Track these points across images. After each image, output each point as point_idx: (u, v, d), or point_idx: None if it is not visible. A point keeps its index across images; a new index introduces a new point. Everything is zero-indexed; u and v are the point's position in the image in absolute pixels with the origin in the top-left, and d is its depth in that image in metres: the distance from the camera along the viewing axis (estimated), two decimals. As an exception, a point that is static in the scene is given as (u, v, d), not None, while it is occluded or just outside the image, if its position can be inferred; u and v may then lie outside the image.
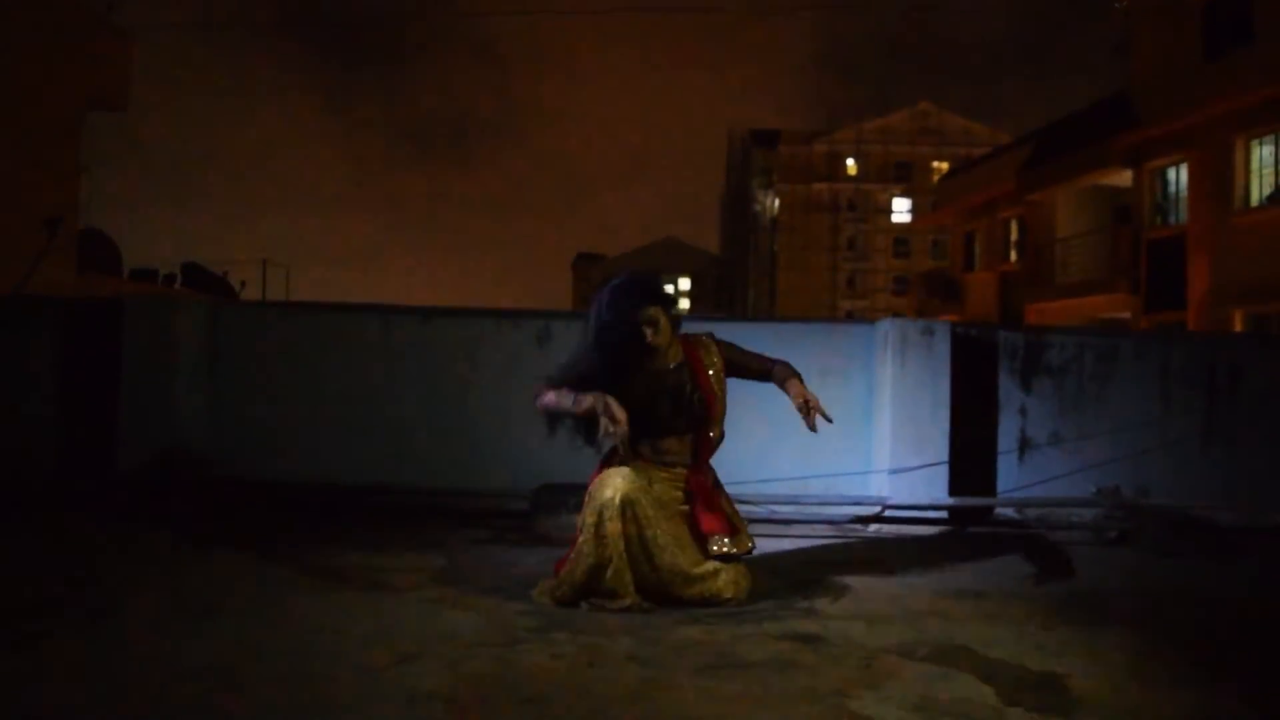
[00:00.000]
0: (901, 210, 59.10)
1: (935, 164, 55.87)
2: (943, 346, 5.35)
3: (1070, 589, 3.99)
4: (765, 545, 4.74)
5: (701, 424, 3.72)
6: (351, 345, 5.59)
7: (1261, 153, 17.35)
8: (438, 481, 5.37)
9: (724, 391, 3.79)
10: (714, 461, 3.89)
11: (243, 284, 26.46)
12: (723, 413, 3.78)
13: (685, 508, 3.65)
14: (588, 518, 3.45)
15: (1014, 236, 26.81)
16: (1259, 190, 17.40)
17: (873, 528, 5.25)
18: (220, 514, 5.02)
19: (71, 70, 17.32)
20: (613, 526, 3.39)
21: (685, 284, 69.06)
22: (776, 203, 60.26)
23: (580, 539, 3.46)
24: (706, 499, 3.67)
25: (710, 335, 3.88)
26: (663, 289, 3.81)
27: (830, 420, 3.76)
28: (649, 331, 3.62)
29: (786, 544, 4.84)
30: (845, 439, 5.52)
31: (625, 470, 3.51)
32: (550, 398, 3.63)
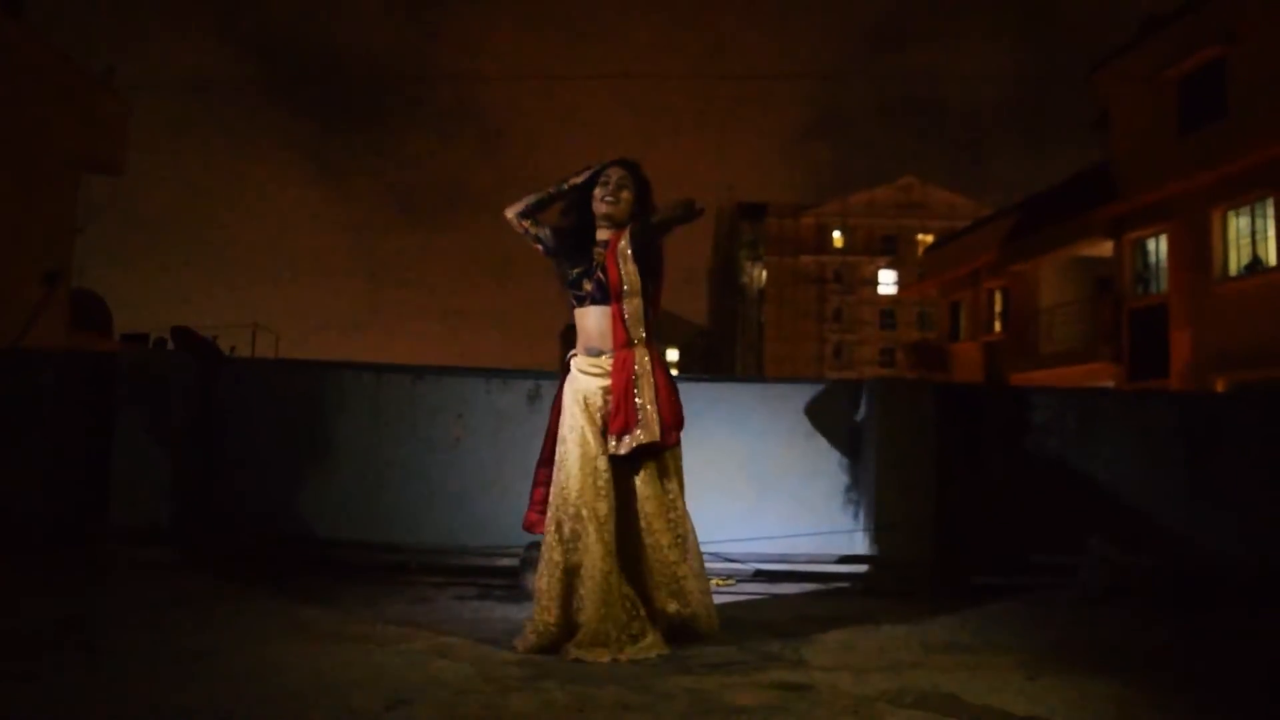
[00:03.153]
0: (887, 282, 59.66)
1: (920, 236, 56.52)
2: (927, 405, 5.43)
3: (1056, 641, 4.02)
4: (751, 601, 4.77)
5: (607, 297, 3.79)
6: (343, 402, 5.63)
7: (1238, 224, 17.68)
8: (427, 538, 5.39)
9: (634, 264, 3.79)
10: (704, 514, 3.95)
11: (233, 349, 26.45)
12: (641, 292, 3.80)
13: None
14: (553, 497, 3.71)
15: (998, 307, 27.09)
16: (1237, 260, 17.69)
17: (859, 585, 5.27)
18: (211, 565, 5.03)
19: (69, 132, 17.55)
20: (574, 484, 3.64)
21: (673, 354, 69.33)
22: (764, 274, 60.76)
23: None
24: (622, 393, 3.70)
25: (632, 225, 3.88)
26: (639, 175, 3.94)
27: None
28: (599, 192, 3.87)
29: (772, 601, 4.86)
30: (832, 497, 5.58)
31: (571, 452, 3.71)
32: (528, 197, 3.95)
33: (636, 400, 3.68)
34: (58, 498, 5.43)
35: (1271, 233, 16.79)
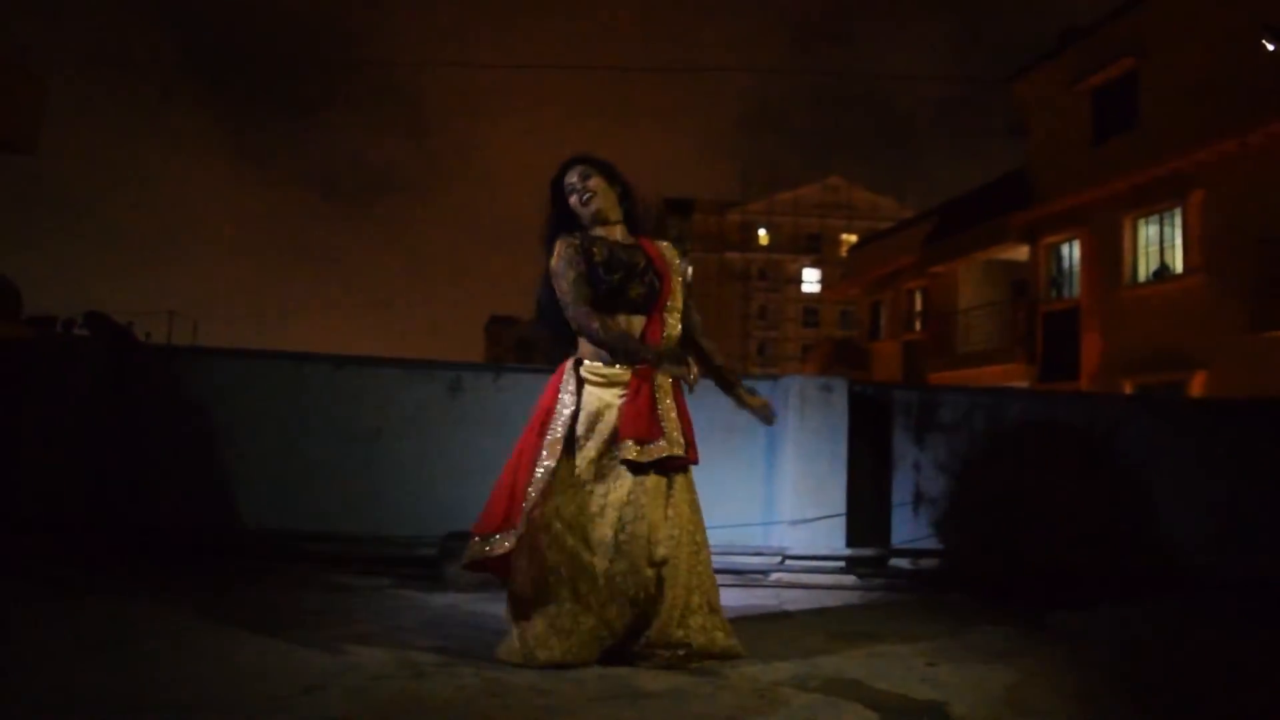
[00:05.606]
0: (811, 280, 60.37)
1: (844, 236, 57.27)
2: (840, 403, 5.57)
3: (956, 632, 4.17)
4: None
5: (654, 304, 3.50)
6: (262, 391, 5.59)
7: (1147, 232, 18.29)
8: (347, 528, 5.37)
9: (679, 289, 3.59)
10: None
11: (148, 335, 25.84)
12: (677, 305, 3.56)
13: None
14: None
15: (918, 307, 27.64)
16: (1145, 267, 18.30)
17: (773, 577, 5.40)
18: (125, 555, 4.96)
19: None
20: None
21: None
22: (690, 270, 60.84)
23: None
24: (635, 400, 3.37)
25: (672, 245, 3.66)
26: (597, 160, 3.63)
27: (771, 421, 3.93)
28: (574, 199, 3.54)
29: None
30: (748, 491, 5.69)
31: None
32: (599, 328, 3.39)
33: (662, 411, 3.39)
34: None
35: (1179, 241, 17.40)
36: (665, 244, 3.71)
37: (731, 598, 4.84)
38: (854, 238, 49.70)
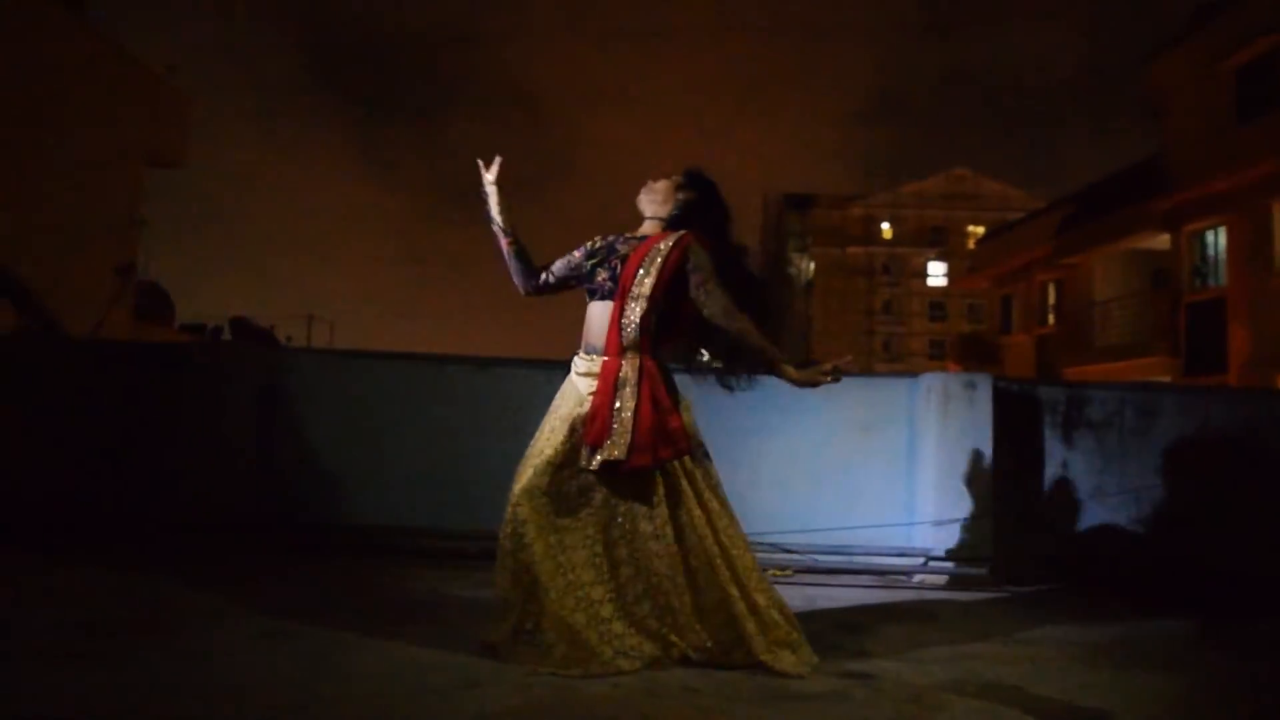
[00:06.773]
0: (937, 274, 59.10)
1: (970, 228, 55.96)
2: (984, 400, 5.44)
3: (1113, 637, 4.04)
4: (810, 592, 4.83)
5: (615, 290, 3.45)
6: (408, 393, 5.75)
7: (1301, 217, 17.36)
8: (488, 525, 5.46)
9: (661, 281, 3.42)
10: (760, 506, 3.96)
11: (289, 338, 26.85)
12: (651, 298, 3.41)
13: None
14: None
15: (1051, 300, 26.78)
16: (1299, 254, 17.37)
17: (917, 578, 5.31)
18: (277, 552, 5.18)
19: (133, 128, 17.98)
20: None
21: (720, 345, 69.06)
22: (812, 266, 60.42)
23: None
24: (602, 402, 3.35)
25: (691, 236, 3.50)
26: (699, 176, 3.63)
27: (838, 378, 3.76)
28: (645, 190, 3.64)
29: (831, 592, 4.92)
30: (888, 491, 5.61)
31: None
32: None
33: (615, 411, 3.32)
34: (124, 487, 5.59)
35: (1335, 225, 16.46)
36: (677, 235, 3.50)
37: (874, 598, 4.80)
38: (981, 229, 48.52)
